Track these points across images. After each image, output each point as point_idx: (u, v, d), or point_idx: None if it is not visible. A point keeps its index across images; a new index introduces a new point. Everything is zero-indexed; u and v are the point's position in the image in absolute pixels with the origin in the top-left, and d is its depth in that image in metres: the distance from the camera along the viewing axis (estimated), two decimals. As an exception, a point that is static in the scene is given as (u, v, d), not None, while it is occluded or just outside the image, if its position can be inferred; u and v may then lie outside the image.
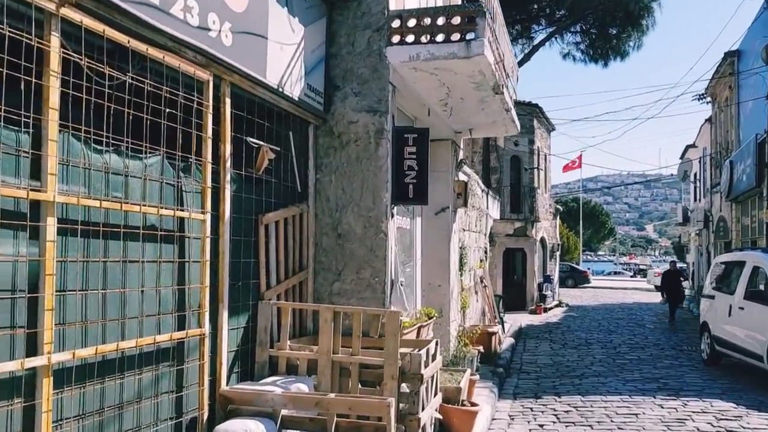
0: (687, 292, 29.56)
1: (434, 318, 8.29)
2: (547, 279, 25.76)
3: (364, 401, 4.93)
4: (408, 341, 6.62)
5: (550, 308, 24.65)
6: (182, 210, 4.82)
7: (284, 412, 4.91)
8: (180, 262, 4.82)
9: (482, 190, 14.63)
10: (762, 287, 10.24)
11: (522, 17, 20.82)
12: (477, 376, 8.20)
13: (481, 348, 10.35)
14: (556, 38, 22.32)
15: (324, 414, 4.90)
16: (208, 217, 4.97)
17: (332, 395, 4.99)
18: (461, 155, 10.67)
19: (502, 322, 15.84)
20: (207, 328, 5.01)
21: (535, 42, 21.53)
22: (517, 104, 24.09)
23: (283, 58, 5.89)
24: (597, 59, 21.77)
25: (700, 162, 28.43)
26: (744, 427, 7.38)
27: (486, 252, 15.22)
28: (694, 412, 8.14)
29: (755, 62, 16.31)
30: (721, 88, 21.84)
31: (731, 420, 7.69)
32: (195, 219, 4.90)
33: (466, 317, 11.81)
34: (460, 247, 11.01)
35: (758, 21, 16.55)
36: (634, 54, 21.78)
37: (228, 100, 5.31)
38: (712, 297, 12.22)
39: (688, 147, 30.02)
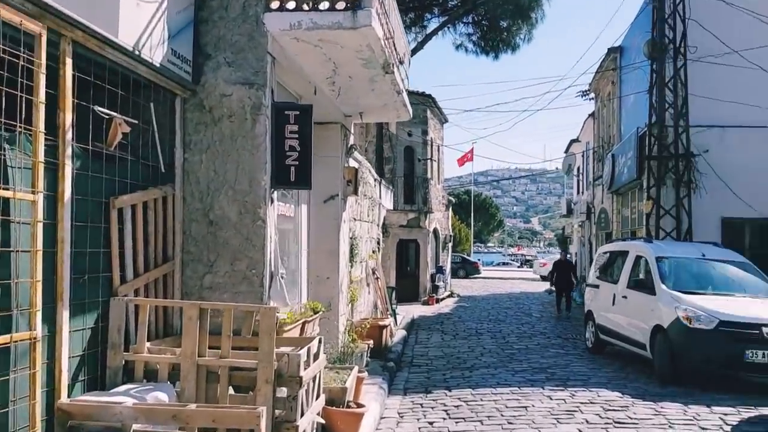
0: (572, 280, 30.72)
1: (321, 312, 7.73)
2: (440, 270, 25.86)
3: (230, 412, 4.30)
4: (288, 340, 6.03)
5: (443, 299, 24.76)
6: (6, 189, 3.97)
7: (135, 427, 4.19)
8: (3, 252, 3.97)
9: (375, 179, 14.21)
10: (644, 276, 10.43)
11: (415, 5, 20.60)
12: (365, 374, 7.73)
13: (371, 342, 9.91)
14: (448, 28, 22.31)
15: (184, 428, 4.23)
16: (40, 198, 4.13)
17: (193, 406, 4.30)
18: (352, 140, 10.16)
19: (394, 314, 15.54)
20: (40, 330, 4.18)
21: (428, 31, 21.43)
22: (411, 94, 23.90)
23: (141, 17, 5.10)
24: (488, 51, 21.95)
25: (583, 156, 29.53)
26: (630, 418, 7.35)
27: (379, 243, 14.83)
28: (582, 403, 8.06)
29: (637, 57, 16.88)
30: (604, 84, 22.64)
31: (618, 410, 7.65)
32: (23, 200, 4.06)
33: (357, 310, 11.34)
34: (351, 237, 10.50)
35: (640, 17, 17.13)
36: (525, 47, 22.15)
37: (69, 61, 4.47)
38: (596, 286, 12.43)
39: (572, 141, 31.13)
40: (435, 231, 26.07)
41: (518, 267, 66.23)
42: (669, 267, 10.08)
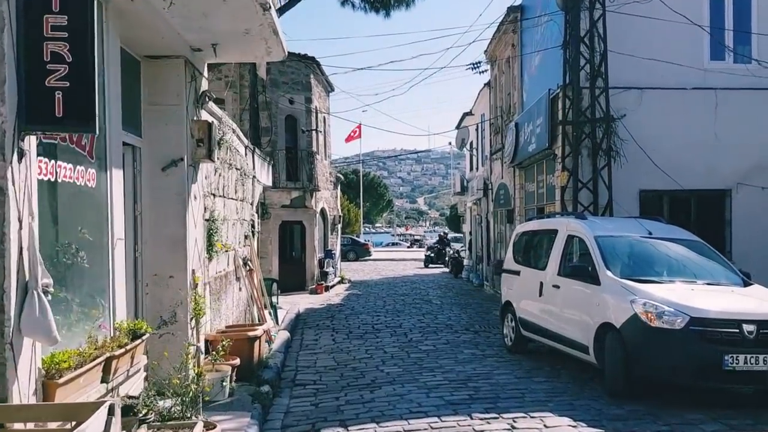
0: (465, 262, 29.28)
1: (147, 335, 5.03)
2: (329, 254, 23.42)
3: None
4: (56, 408, 3.33)
5: (332, 286, 22.39)
6: None
7: None
8: None
9: (246, 147, 11.44)
10: (580, 261, 8.47)
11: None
12: (218, 429, 5.13)
13: (237, 361, 7.29)
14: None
15: None
16: None
17: None
18: (204, 85, 7.38)
19: (275, 313, 12.92)
20: None
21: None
22: (292, 56, 21.10)
23: None
24: (378, 8, 19.53)
25: (477, 129, 27.96)
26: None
27: (254, 226, 12.11)
28: (527, 438, 5.91)
29: (542, 12, 15.06)
30: (502, 49, 20.91)
31: (579, 449, 5.54)
32: None
33: (221, 315, 8.64)
34: (208, 220, 7.77)
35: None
36: (420, 2, 19.89)
37: None
38: (515, 272, 10.42)
39: (465, 115, 29.51)
40: (323, 211, 23.55)
41: (408, 247, 65.03)
42: (612, 249, 8.15)
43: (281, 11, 17.07)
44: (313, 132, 21.47)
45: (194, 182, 6.97)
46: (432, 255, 35.30)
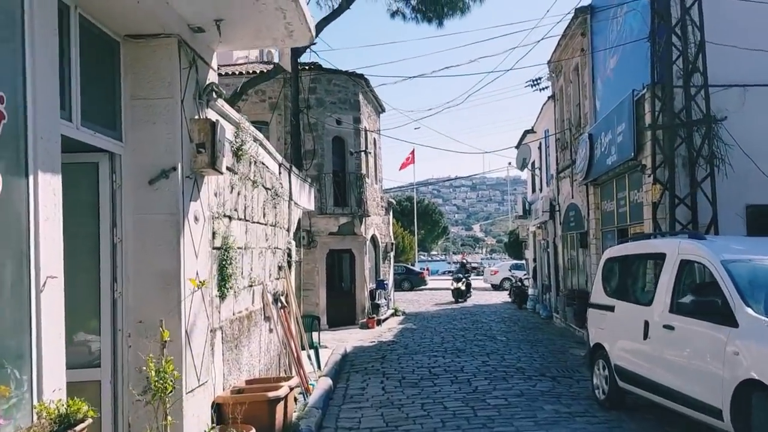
0: (531, 290, 27.03)
1: (87, 422, 3.34)
2: (381, 284, 21.65)
3: None
4: None
5: (385, 319, 20.56)
6: None
7: None
8: None
9: (281, 165, 9.86)
10: (703, 294, 6.42)
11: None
12: None
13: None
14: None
15: None
16: None
17: None
18: (212, 77, 5.80)
19: (317, 355, 11.19)
20: None
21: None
22: (340, 74, 19.71)
23: None
24: (431, 18, 17.94)
25: (540, 147, 25.92)
26: None
27: (290, 256, 10.47)
28: None
29: (616, 11, 13.15)
30: (569, 56, 18.98)
31: None
32: None
33: (241, 366, 6.96)
34: (219, 248, 6.13)
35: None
36: (477, 9, 18.19)
37: None
38: (608, 308, 8.39)
39: (526, 132, 27.51)
40: (373, 238, 21.86)
41: (469, 275, 62.49)
42: (749, 277, 6.11)
43: (325, 21, 15.67)
44: (362, 153, 19.90)
45: (194, 199, 5.35)
46: (462, 288, 28.92)
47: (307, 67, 18.41)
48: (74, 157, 4.85)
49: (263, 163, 8.25)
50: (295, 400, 8.06)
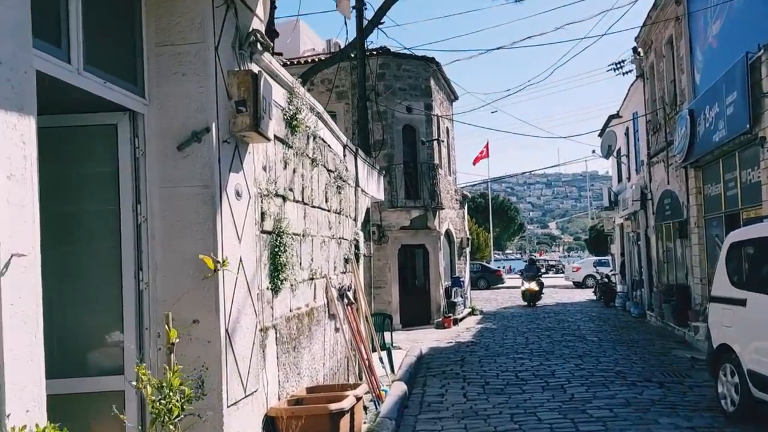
0: (619, 287, 25.17)
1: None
2: (457, 282, 20.46)
3: None
4: None
5: (462, 318, 19.37)
6: None
7: None
8: None
9: (345, 146, 8.90)
10: None
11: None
12: None
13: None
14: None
15: None
16: None
17: None
18: (255, 24, 4.84)
19: (389, 357, 10.17)
20: None
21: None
22: (408, 58, 18.65)
23: None
24: (507, -9, 16.61)
25: (627, 134, 24.07)
26: None
27: (357, 248, 9.50)
28: None
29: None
30: (660, 30, 17.25)
31: None
32: None
33: (301, 370, 6.00)
34: (270, 232, 5.18)
35: None
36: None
37: None
38: (737, 303, 6.95)
39: (611, 118, 25.64)
40: (448, 233, 20.68)
41: (543, 273, 60.31)
42: None
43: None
44: (435, 142, 18.77)
45: (235, 170, 4.41)
46: (535, 289, 24.55)
47: (374, 52, 17.46)
48: (87, 118, 4.00)
49: (324, 141, 7.28)
50: (365, 409, 7.06)
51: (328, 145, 7.57)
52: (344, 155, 8.82)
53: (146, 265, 4.05)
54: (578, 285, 36.17)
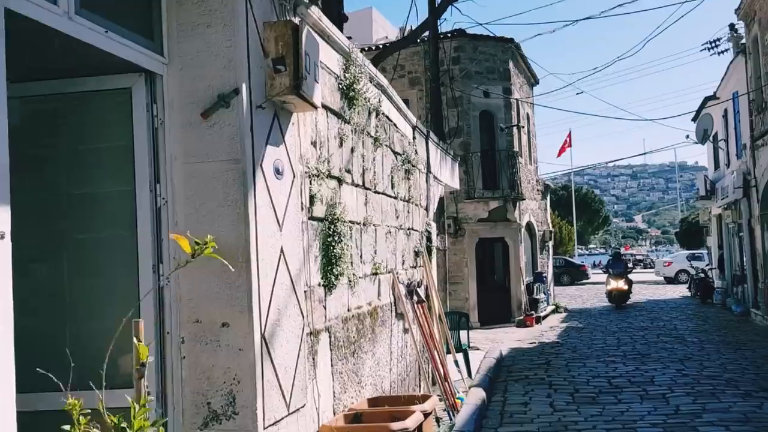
0: (717, 282, 23.23)
1: None
2: (539, 278, 19.27)
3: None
4: None
5: (545, 316, 18.20)
6: None
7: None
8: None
9: (415, 128, 8.08)
10: None
11: None
12: None
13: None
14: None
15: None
16: None
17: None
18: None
19: (467, 360, 9.31)
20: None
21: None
22: (485, 39, 17.61)
23: None
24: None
25: (725, 117, 22.11)
26: None
27: (430, 240, 8.67)
28: None
29: None
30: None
31: None
32: None
33: (362, 378, 5.24)
34: (321, 219, 4.44)
35: None
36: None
37: None
38: None
39: (707, 99, 23.63)
40: (529, 226, 19.52)
41: (631, 269, 57.45)
42: None
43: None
44: (514, 128, 17.66)
45: (274, 143, 3.68)
46: (624, 288, 21.27)
47: (449, 35, 16.55)
48: (95, 82, 3.36)
49: (388, 118, 6.50)
50: (438, 420, 6.24)
51: (394, 124, 6.78)
52: (414, 137, 8.01)
53: (167, 256, 3.38)
54: (670, 281, 33.99)
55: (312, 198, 4.26)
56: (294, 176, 3.93)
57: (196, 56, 3.40)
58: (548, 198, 22.87)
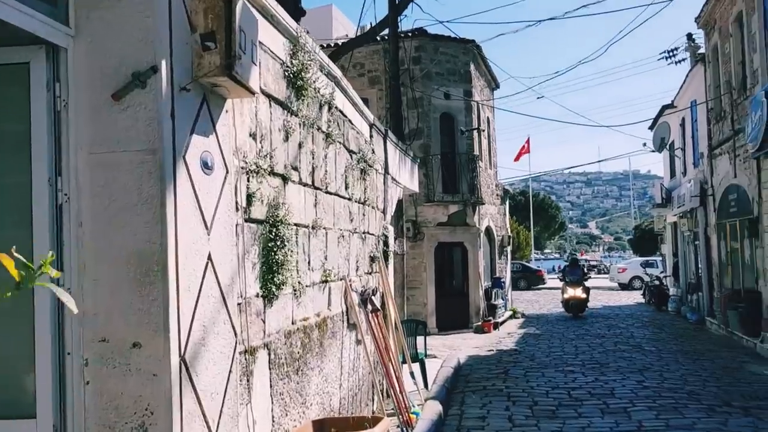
0: (672, 290, 23.38)
1: None
2: (497, 283, 19.02)
3: None
4: None
5: (503, 322, 17.96)
6: None
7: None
8: None
9: (372, 126, 7.63)
10: None
11: None
12: None
13: None
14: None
15: None
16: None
17: None
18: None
19: (423, 370, 8.89)
20: None
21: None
22: (446, 40, 17.26)
23: None
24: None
25: (683, 125, 22.28)
26: None
27: (387, 245, 8.22)
28: None
29: None
30: (726, 7, 15.54)
31: None
32: None
33: (306, 400, 4.73)
34: (262, 222, 3.93)
35: None
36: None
37: None
38: None
39: (664, 108, 23.82)
40: (488, 230, 19.26)
41: (589, 276, 57.91)
42: None
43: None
44: (475, 132, 17.37)
45: (201, 132, 3.16)
46: (582, 296, 20.13)
47: (409, 34, 16.17)
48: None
49: (343, 114, 6.02)
50: (391, 440, 5.78)
51: (349, 120, 6.31)
52: (371, 136, 7.55)
53: (69, 263, 2.84)
54: (624, 287, 34.31)
55: (250, 197, 3.75)
56: (227, 172, 3.42)
57: (108, 28, 2.87)
58: (507, 203, 22.67)
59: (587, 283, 20.86)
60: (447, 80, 16.99)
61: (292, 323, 4.48)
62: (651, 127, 27.22)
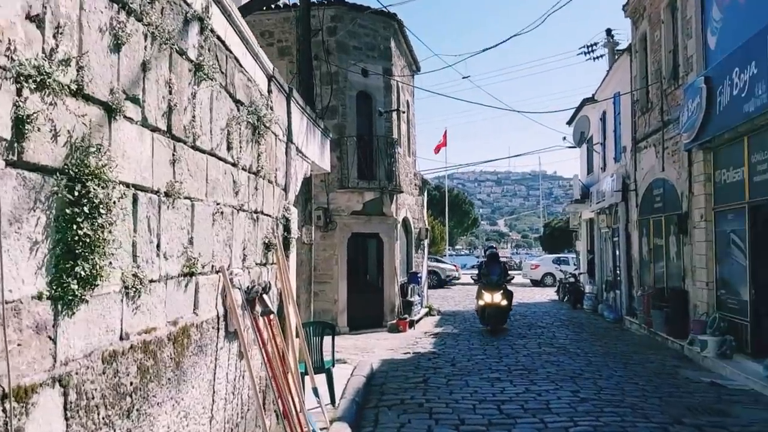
0: (588, 288, 22.92)
1: None
2: (414, 278, 17.75)
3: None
4: None
5: (419, 320, 16.75)
6: None
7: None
8: None
9: (268, 76, 6.01)
10: None
11: None
12: None
13: None
14: None
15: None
16: None
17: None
18: None
19: (330, 381, 7.38)
20: None
21: None
22: (365, 11, 15.73)
23: None
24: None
25: (603, 119, 21.81)
26: None
27: (288, 231, 6.63)
28: None
29: None
30: (657, -6, 14.87)
31: None
32: None
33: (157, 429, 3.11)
34: (56, 171, 2.27)
35: None
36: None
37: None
38: None
39: (584, 102, 23.34)
40: (405, 222, 17.96)
41: (511, 277, 58.13)
42: None
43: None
44: (394, 114, 15.99)
45: None
46: (503, 303, 15.37)
47: (325, 2, 14.58)
48: None
49: (225, 45, 4.40)
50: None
51: (236, 58, 4.69)
52: (269, 91, 5.95)
53: None
54: (536, 283, 34.17)
55: (22, 123, 2.11)
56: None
57: None
58: (425, 195, 21.49)
59: (510, 286, 16.33)
60: (365, 55, 15.51)
61: (122, 338, 2.86)
62: (569, 122, 26.87)
